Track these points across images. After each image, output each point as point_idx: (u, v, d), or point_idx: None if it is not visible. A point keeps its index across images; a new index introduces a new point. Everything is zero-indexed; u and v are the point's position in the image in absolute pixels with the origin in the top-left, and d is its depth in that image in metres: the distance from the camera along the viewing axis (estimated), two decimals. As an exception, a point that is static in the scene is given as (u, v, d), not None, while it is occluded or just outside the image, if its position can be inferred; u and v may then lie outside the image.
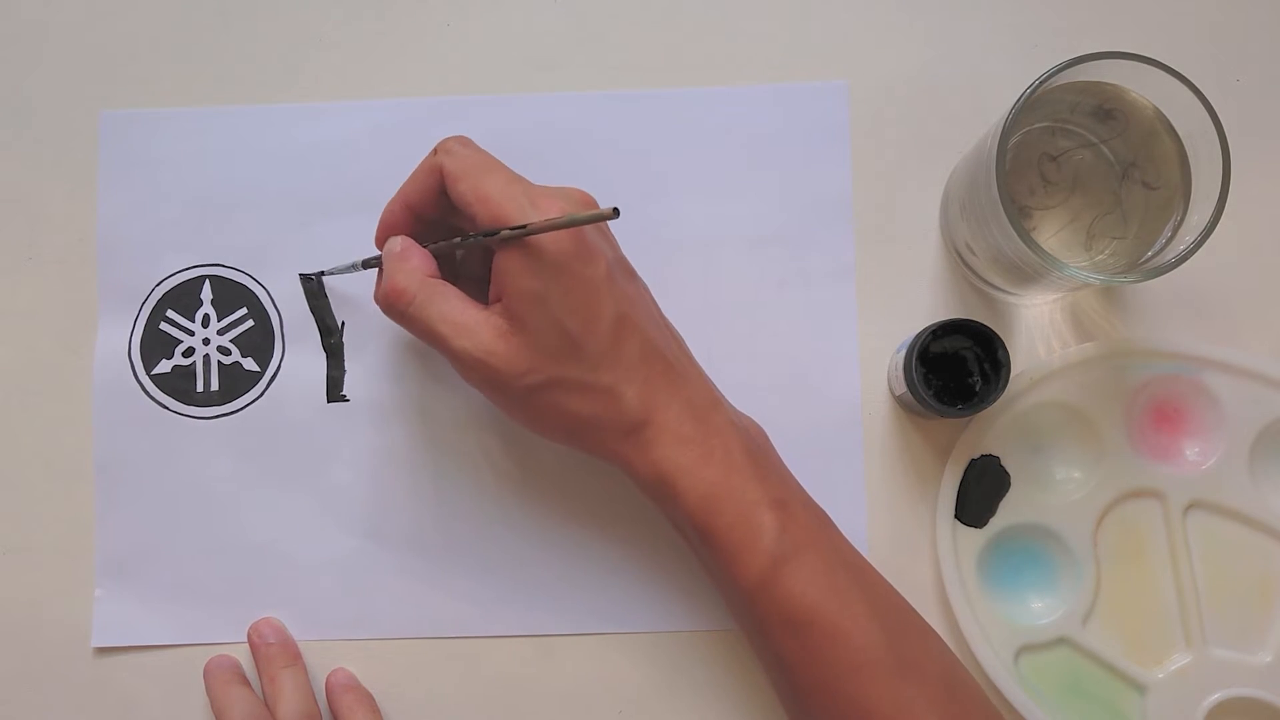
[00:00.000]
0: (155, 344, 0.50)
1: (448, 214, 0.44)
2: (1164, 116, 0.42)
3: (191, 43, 0.51)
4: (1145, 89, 0.41)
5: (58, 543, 0.49)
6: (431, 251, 0.43)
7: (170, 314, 0.50)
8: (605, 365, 0.41)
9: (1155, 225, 0.42)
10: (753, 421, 0.45)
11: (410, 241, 0.43)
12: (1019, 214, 0.40)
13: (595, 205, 0.43)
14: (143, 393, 0.49)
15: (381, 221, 0.45)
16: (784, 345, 0.49)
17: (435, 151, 0.43)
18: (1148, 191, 0.42)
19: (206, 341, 0.50)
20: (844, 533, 0.43)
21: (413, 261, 0.42)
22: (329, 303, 0.50)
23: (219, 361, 0.49)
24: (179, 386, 0.49)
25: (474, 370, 0.41)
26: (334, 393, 0.49)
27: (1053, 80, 0.39)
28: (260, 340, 0.50)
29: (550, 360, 0.40)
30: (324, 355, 0.49)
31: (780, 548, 0.40)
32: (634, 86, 0.50)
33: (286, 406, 0.49)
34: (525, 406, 0.42)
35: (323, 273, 0.49)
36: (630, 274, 0.43)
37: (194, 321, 0.50)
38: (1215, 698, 0.45)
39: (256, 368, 0.49)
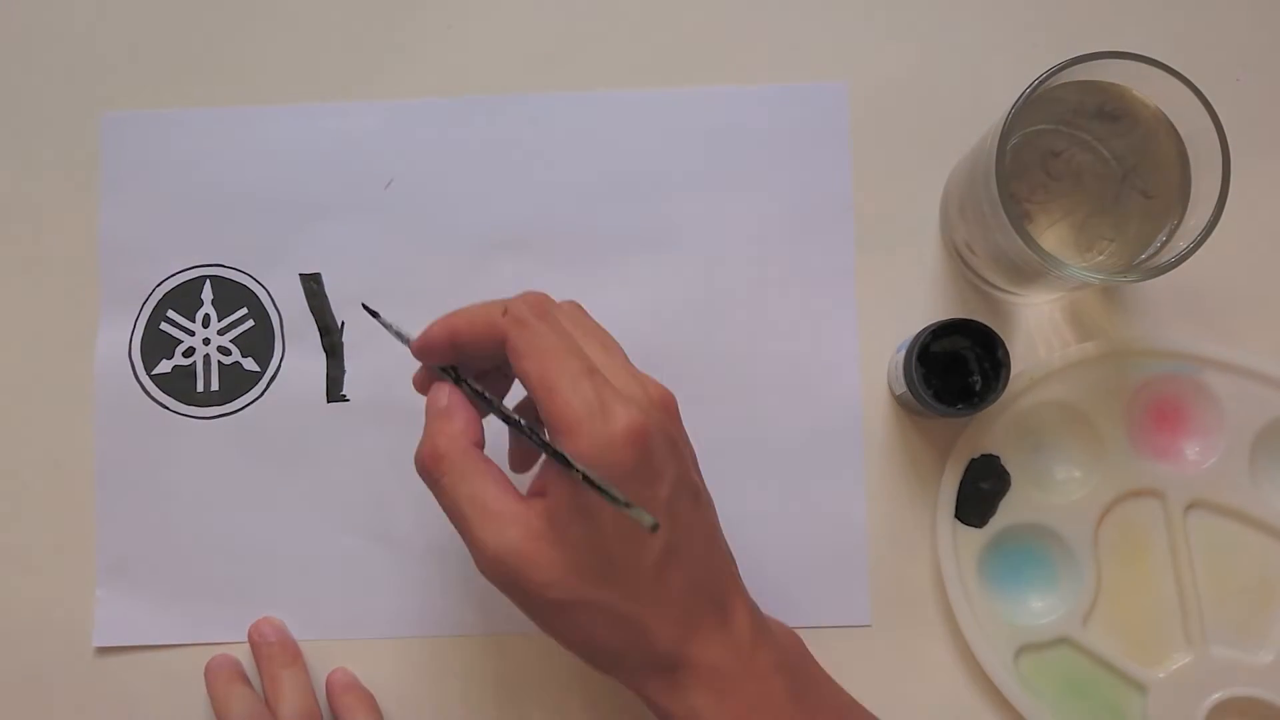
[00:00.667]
0: (156, 344, 0.50)
1: (498, 362, 0.39)
2: (1164, 117, 0.42)
3: (192, 44, 0.51)
4: (1145, 89, 0.41)
5: (58, 542, 0.49)
6: (482, 401, 0.39)
7: (171, 314, 0.50)
8: (643, 597, 0.36)
9: (1155, 225, 0.42)
10: (790, 635, 0.40)
11: (460, 399, 0.38)
12: (1019, 214, 0.40)
13: (675, 410, 0.39)
14: (143, 393, 0.49)
15: (424, 341, 0.39)
16: (784, 345, 0.49)
17: (505, 310, 0.37)
18: (1146, 191, 0.42)
19: (207, 341, 0.50)
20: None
21: (457, 425, 0.38)
22: (329, 302, 0.50)
23: (219, 361, 0.50)
24: (179, 386, 0.49)
25: (493, 566, 0.36)
26: (334, 393, 0.49)
27: (1053, 80, 0.39)
28: (260, 340, 0.50)
29: (582, 580, 0.35)
30: (324, 355, 0.49)
31: None
32: (634, 86, 0.50)
33: (286, 406, 0.49)
34: (544, 618, 0.37)
35: (375, 315, 0.43)
36: (694, 493, 0.38)
37: (194, 321, 0.50)
38: (1216, 697, 0.45)
39: (257, 368, 0.50)
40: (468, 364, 0.39)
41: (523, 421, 0.38)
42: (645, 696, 0.37)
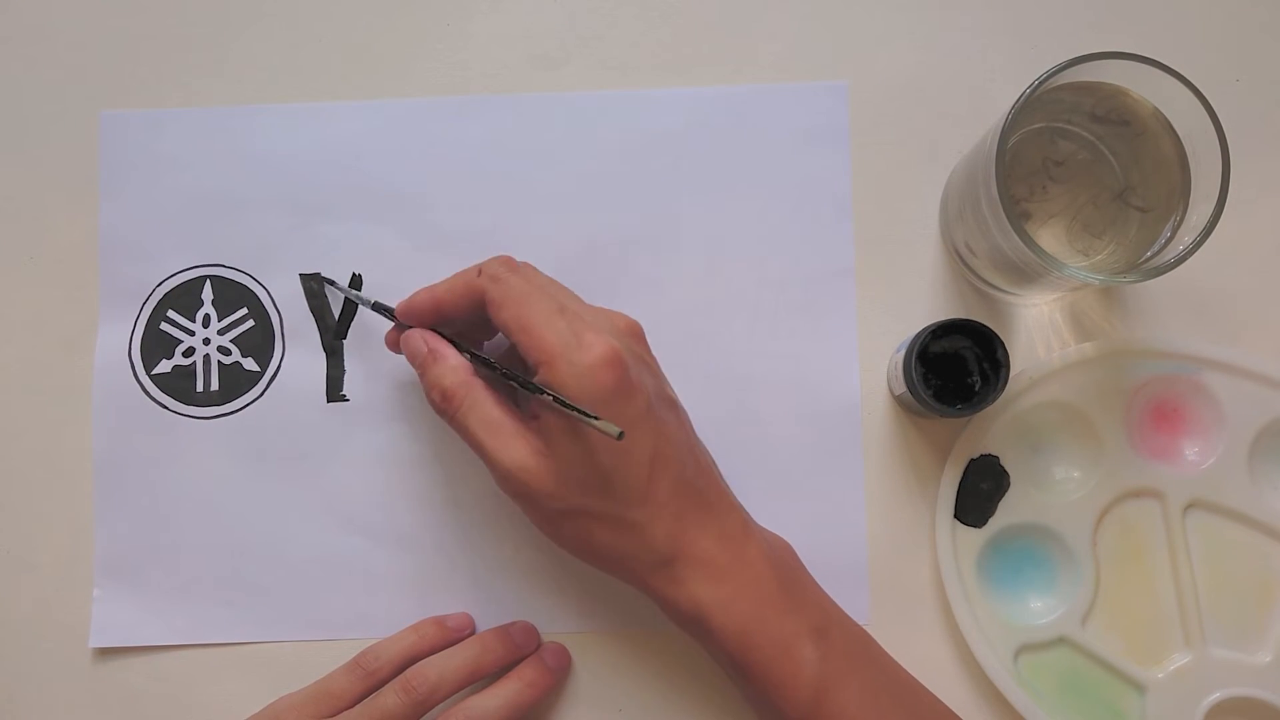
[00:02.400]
0: (156, 344, 0.50)
1: (474, 327, 0.44)
2: (1164, 117, 0.42)
3: (191, 43, 0.51)
4: (1145, 89, 0.41)
5: (57, 542, 0.49)
6: (462, 350, 0.43)
7: (171, 314, 0.50)
8: (636, 501, 0.40)
9: (1155, 225, 0.42)
10: (781, 541, 0.44)
11: (438, 341, 0.43)
12: (1019, 214, 0.40)
13: (642, 335, 0.43)
14: (143, 393, 0.49)
15: (408, 305, 0.44)
16: (784, 345, 0.49)
17: (479, 272, 0.43)
18: (1146, 191, 0.42)
19: (207, 341, 0.50)
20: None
21: (451, 360, 0.42)
22: (329, 302, 0.50)
23: (219, 361, 0.50)
24: (179, 386, 0.49)
25: (507, 482, 0.41)
26: (334, 393, 0.49)
27: (1053, 80, 0.39)
28: (260, 340, 0.50)
29: (580, 491, 0.40)
30: (324, 355, 0.49)
31: (822, 678, 0.40)
32: (634, 86, 0.50)
33: (286, 406, 0.49)
34: (553, 527, 0.42)
35: (330, 281, 0.49)
36: (670, 404, 0.43)
37: (194, 321, 0.50)
38: (1214, 697, 0.45)
39: (256, 368, 0.49)
40: (443, 328, 0.44)
41: (494, 361, 0.42)
42: (649, 590, 0.41)
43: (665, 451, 0.40)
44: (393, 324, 0.46)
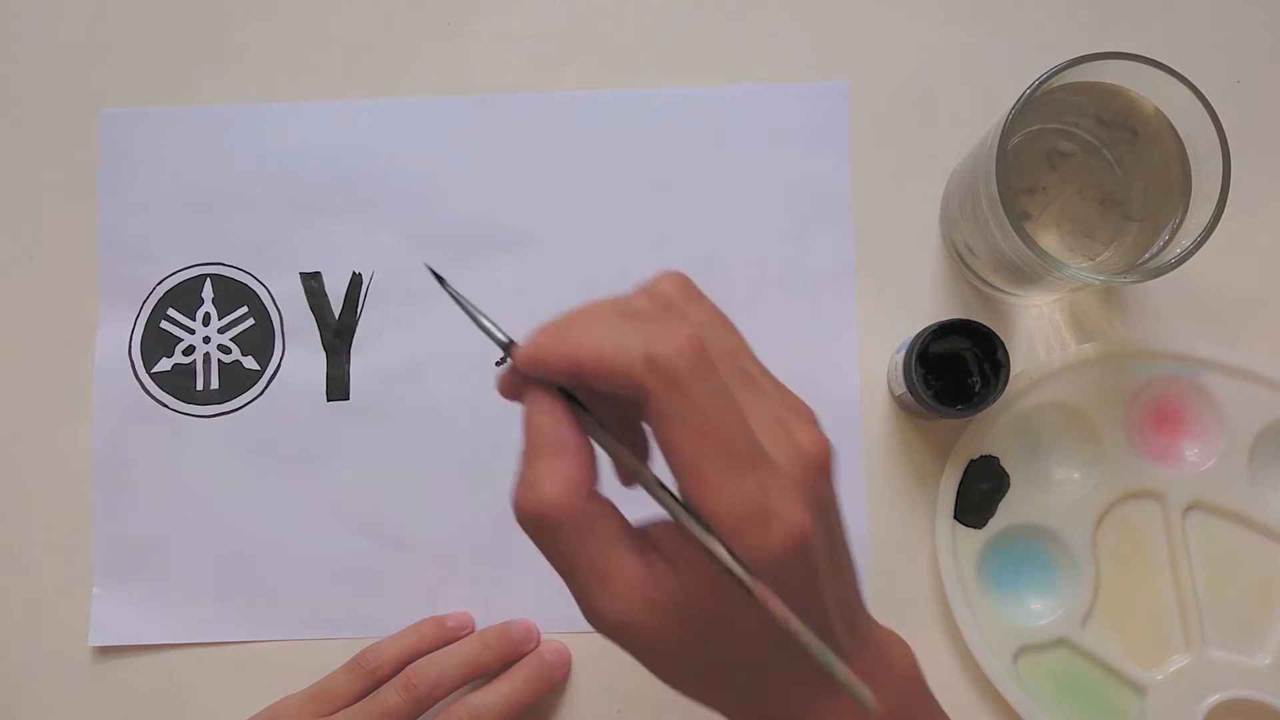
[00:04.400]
0: (156, 342, 0.50)
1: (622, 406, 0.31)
2: (1165, 117, 0.42)
3: (191, 43, 0.51)
4: (1145, 89, 0.41)
5: (55, 541, 0.49)
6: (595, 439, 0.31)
7: (171, 312, 0.50)
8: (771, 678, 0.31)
9: (1155, 226, 0.42)
10: (904, 654, 0.35)
11: (572, 429, 0.30)
12: (1019, 214, 0.40)
13: (828, 462, 0.32)
14: (143, 391, 0.49)
15: (536, 354, 0.29)
16: (784, 345, 0.49)
17: (652, 363, 0.28)
18: (1146, 192, 0.42)
19: (207, 340, 0.50)
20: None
21: (570, 466, 0.30)
22: (329, 301, 0.50)
23: (219, 360, 0.50)
24: (179, 385, 0.49)
25: (607, 631, 0.31)
26: (334, 392, 0.49)
27: (1053, 80, 0.39)
28: (260, 339, 0.50)
29: (706, 660, 0.31)
30: (324, 354, 0.49)
31: None
32: (634, 86, 0.50)
33: (286, 405, 0.49)
34: (660, 675, 0.32)
35: (441, 280, 0.34)
36: (844, 556, 0.33)
37: (194, 320, 0.50)
38: (1214, 699, 0.45)
39: (256, 366, 0.49)
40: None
41: (668, 489, 0.30)
42: None
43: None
44: (504, 360, 0.31)
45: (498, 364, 0.31)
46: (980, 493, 0.47)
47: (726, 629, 0.30)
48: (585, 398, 0.31)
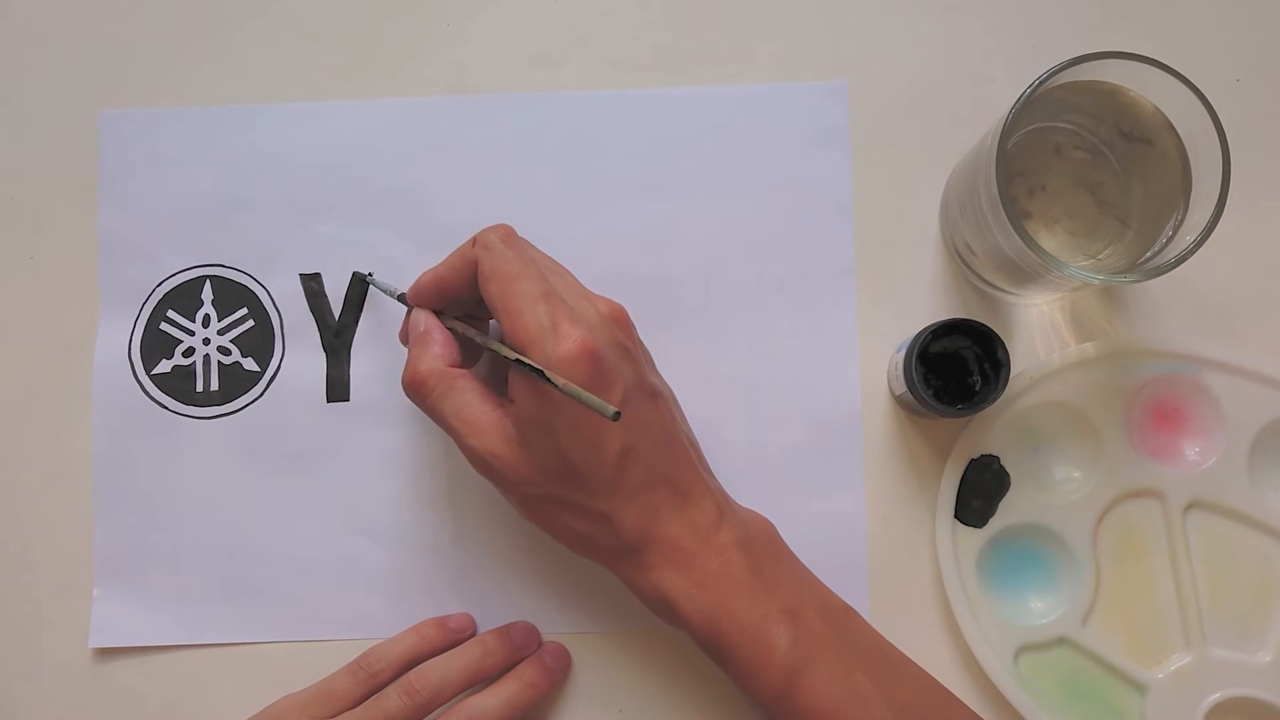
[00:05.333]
0: (155, 344, 0.50)
1: (479, 302, 0.44)
2: (1164, 116, 0.42)
3: (191, 43, 0.51)
4: (1146, 89, 0.41)
5: (57, 542, 0.49)
6: (456, 331, 0.44)
7: (171, 314, 0.50)
8: (604, 493, 0.40)
9: (1155, 225, 0.42)
10: (761, 522, 0.44)
11: (434, 323, 0.43)
12: (1019, 214, 0.40)
13: (626, 320, 0.42)
14: (143, 393, 0.49)
15: (415, 287, 0.44)
16: (784, 345, 0.49)
17: (474, 242, 0.42)
18: (1146, 191, 0.42)
19: (207, 341, 0.50)
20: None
21: (435, 348, 0.42)
22: (329, 302, 0.50)
23: (219, 361, 0.49)
24: (179, 386, 0.49)
25: (481, 468, 0.42)
26: (334, 393, 0.49)
27: (1053, 80, 0.39)
28: (260, 340, 0.50)
29: (550, 480, 0.40)
30: (324, 355, 0.49)
31: (793, 659, 0.40)
32: (634, 86, 0.50)
33: (286, 406, 0.49)
34: (526, 511, 0.43)
35: (368, 276, 0.49)
36: (650, 393, 0.42)
37: (194, 321, 0.50)
38: (1215, 698, 0.45)
39: (256, 368, 0.49)
40: (452, 309, 0.45)
41: (487, 343, 0.42)
42: (623, 579, 0.42)
43: (638, 444, 0.40)
44: (403, 298, 0.46)
45: (399, 299, 0.46)
46: (980, 492, 0.47)
47: (553, 433, 0.39)
48: (457, 315, 0.45)
